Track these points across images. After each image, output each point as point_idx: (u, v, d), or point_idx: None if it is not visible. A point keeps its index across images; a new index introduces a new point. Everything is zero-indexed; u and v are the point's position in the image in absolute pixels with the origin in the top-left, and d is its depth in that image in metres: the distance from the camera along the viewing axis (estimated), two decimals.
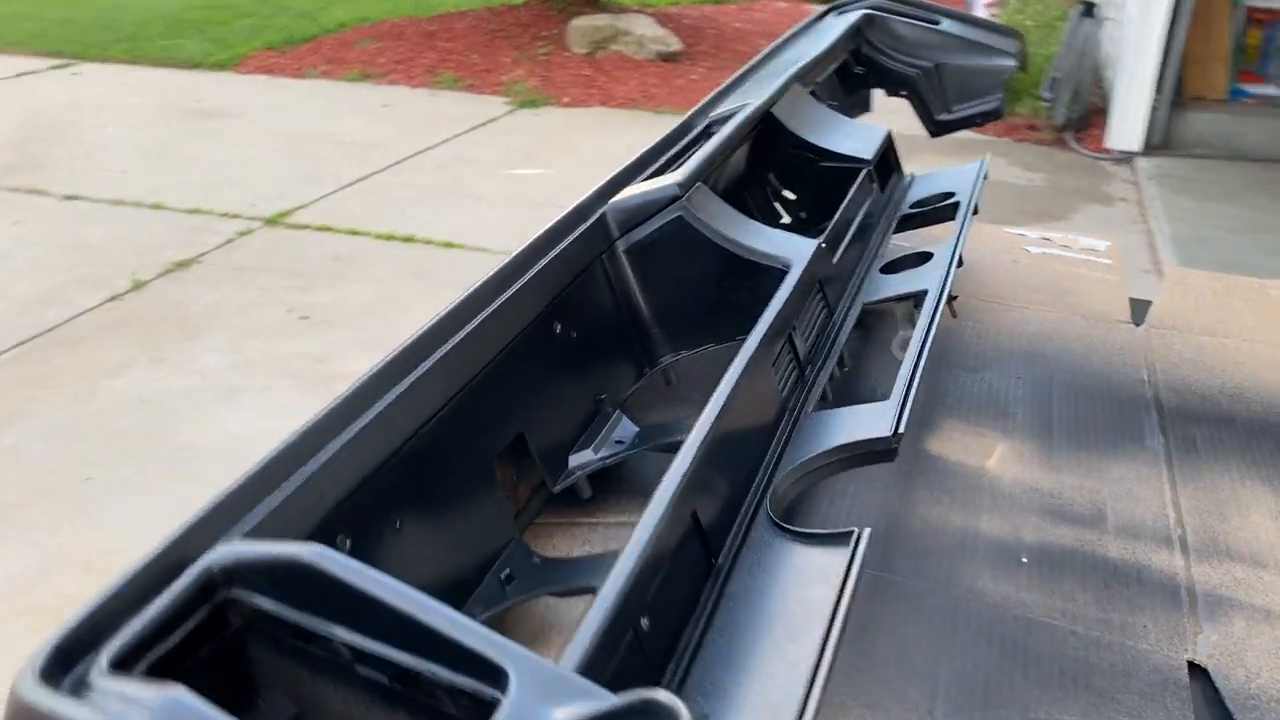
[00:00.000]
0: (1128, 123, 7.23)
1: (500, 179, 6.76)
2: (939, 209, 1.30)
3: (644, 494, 0.98)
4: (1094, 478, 1.01)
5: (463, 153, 7.27)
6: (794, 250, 1.06)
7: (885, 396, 1.12)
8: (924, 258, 1.14)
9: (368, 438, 0.71)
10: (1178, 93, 7.24)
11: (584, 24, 9.52)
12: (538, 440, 0.91)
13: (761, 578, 0.69)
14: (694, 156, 1.12)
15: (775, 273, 1.03)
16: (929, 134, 1.84)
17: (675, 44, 9.57)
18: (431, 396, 0.78)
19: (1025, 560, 0.90)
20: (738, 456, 0.80)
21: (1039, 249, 1.55)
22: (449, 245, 5.66)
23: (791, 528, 0.73)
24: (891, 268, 1.15)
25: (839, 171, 1.35)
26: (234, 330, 4.61)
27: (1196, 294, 1.39)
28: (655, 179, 1.10)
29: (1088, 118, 8.00)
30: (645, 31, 9.50)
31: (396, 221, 5.91)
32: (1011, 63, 1.79)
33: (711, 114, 1.36)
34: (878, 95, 1.83)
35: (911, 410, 0.85)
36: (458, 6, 11.14)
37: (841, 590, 0.64)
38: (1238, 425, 1.12)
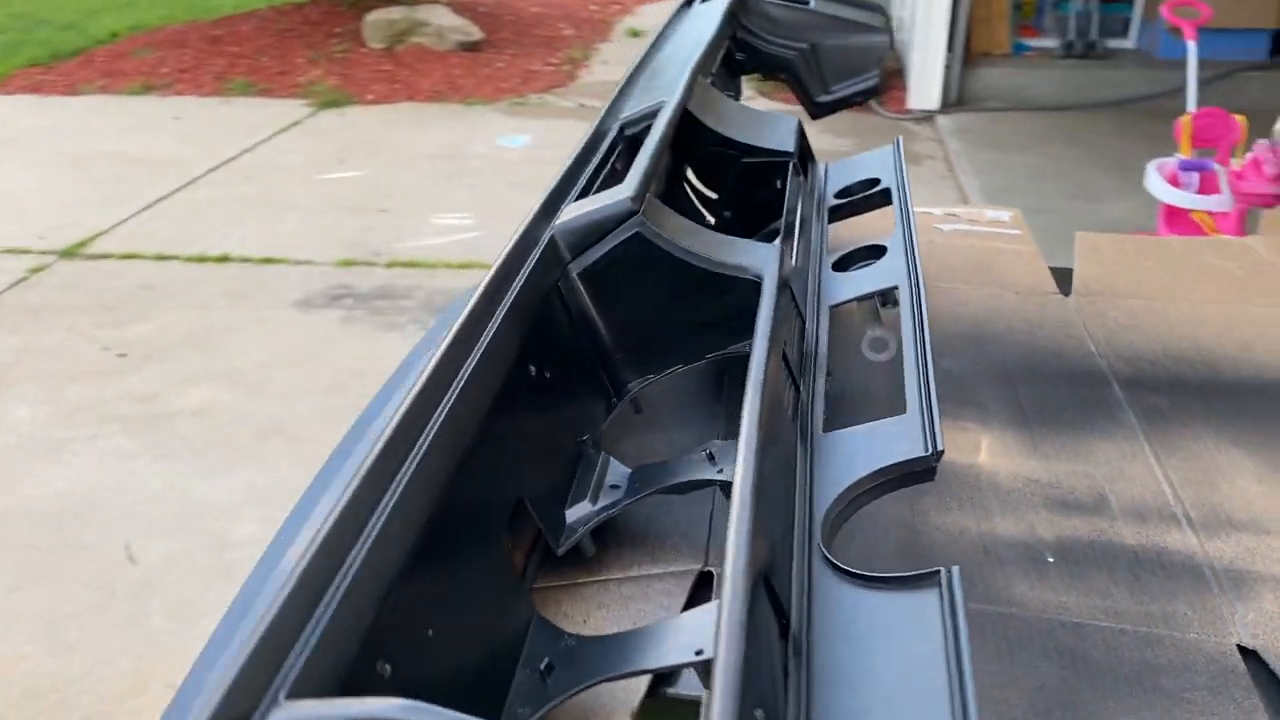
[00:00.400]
0: (925, 83, 7.53)
1: (313, 185, 6.45)
2: (867, 197, 1.26)
3: (645, 541, 0.91)
4: (1084, 461, 1.00)
5: (269, 161, 6.90)
6: (760, 257, 1.00)
7: (881, 405, 1.07)
8: (876, 251, 1.10)
9: (383, 542, 0.62)
10: (967, 51, 7.58)
11: (379, 18, 9.19)
12: (537, 501, 0.82)
13: (848, 641, 0.63)
14: (636, 166, 1.04)
15: (745, 284, 0.97)
16: (810, 116, 1.82)
17: (476, 33, 9.37)
18: (434, 478, 0.68)
19: (1051, 560, 0.88)
20: (777, 495, 0.74)
21: (949, 226, 1.55)
22: (269, 261, 5.36)
23: (861, 573, 0.67)
24: (843, 264, 1.11)
25: (763, 167, 1.30)
26: (45, 377, 4.22)
27: (1109, 258, 1.41)
28: (600, 195, 1.01)
29: (886, 80, 8.30)
30: (444, 22, 9.26)
31: (208, 240, 5.55)
32: (884, 38, 1.79)
33: (621, 117, 1.28)
34: None
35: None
36: (239, 7, 10.57)
37: (954, 645, 0.58)
38: (1192, 389, 1.14)
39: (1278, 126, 4.04)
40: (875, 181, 1.27)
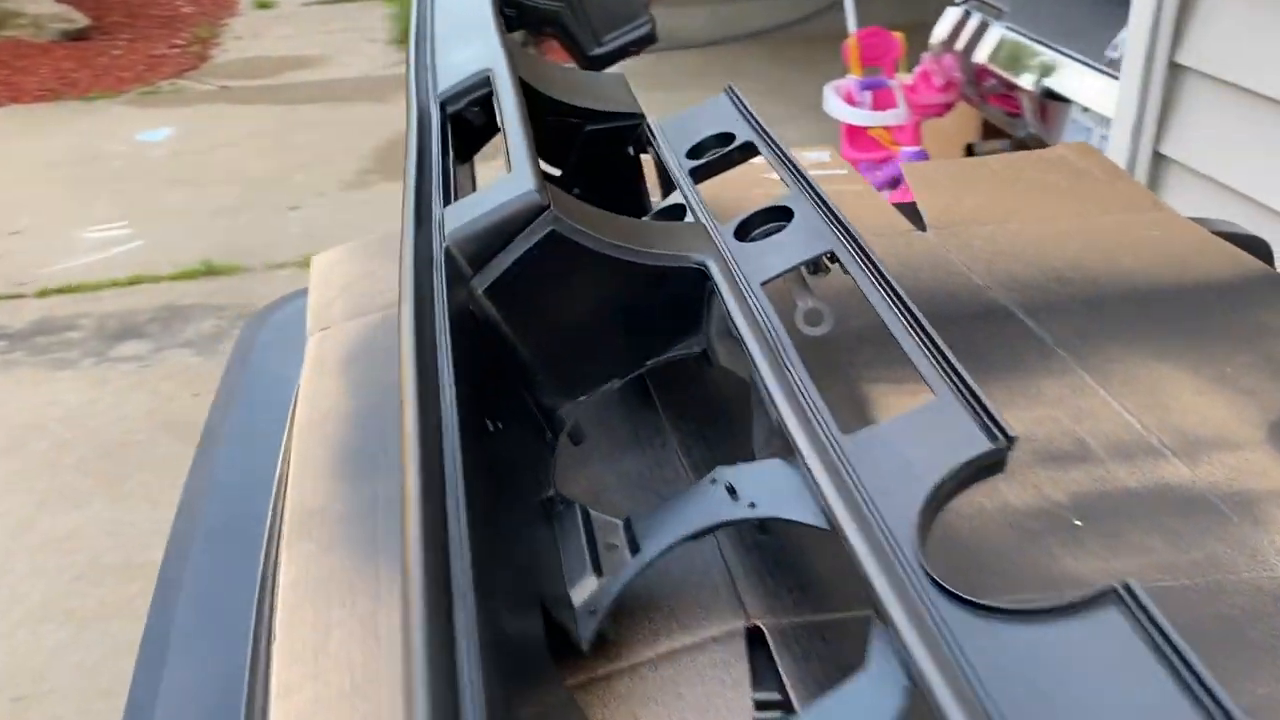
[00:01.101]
0: None
1: None
2: (727, 155, 1.14)
3: (657, 603, 0.75)
4: (1041, 405, 0.94)
5: None
6: (696, 240, 0.86)
7: (873, 389, 0.96)
8: (780, 214, 0.98)
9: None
10: None
11: None
12: (552, 597, 0.65)
13: (1024, 696, 0.51)
14: (515, 149, 0.86)
15: (684, 273, 0.83)
16: (584, 69, 1.67)
17: (80, 19, 8.34)
18: (462, 626, 0.50)
19: (1079, 523, 0.81)
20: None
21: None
22: None
23: (1007, 607, 0.56)
24: (744, 232, 0.99)
25: (610, 133, 1.15)
26: None
27: (944, 187, 1.38)
28: (488, 191, 0.83)
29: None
30: (40, 9, 8.16)
31: None
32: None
33: (437, 94, 1.08)
34: None
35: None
36: None
37: (1193, 681, 0.49)
38: (1086, 308, 1.12)
39: (934, 39, 4.33)
40: (729, 136, 1.16)
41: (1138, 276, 1.16)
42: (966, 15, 4.12)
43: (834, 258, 0.90)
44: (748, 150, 1.14)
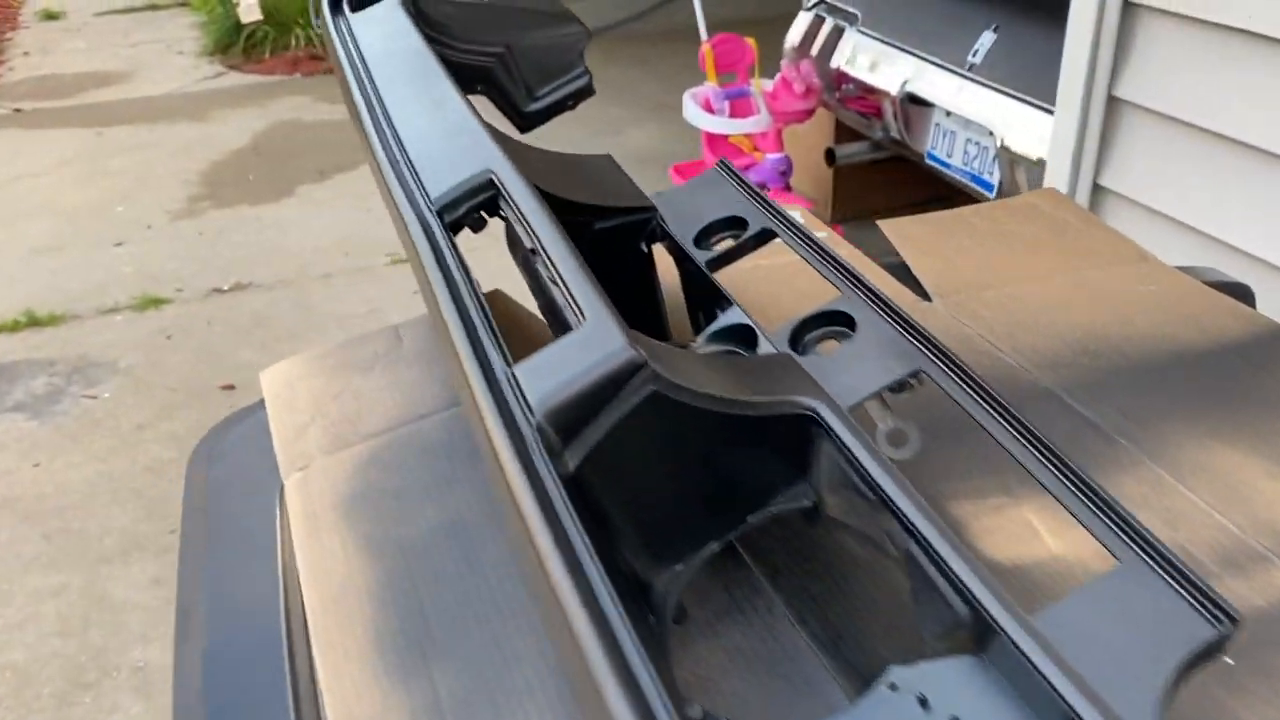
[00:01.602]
0: None
1: None
2: (740, 245, 1.04)
3: None
4: (1126, 505, 0.89)
5: None
6: (790, 379, 0.76)
7: (978, 525, 0.88)
8: (838, 319, 0.90)
9: None
10: None
11: None
12: None
13: None
14: (582, 289, 0.74)
15: (795, 420, 0.73)
16: (519, 130, 1.54)
17: None
18: None
19: (1230, 661, 0.76)
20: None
21: None
22: None
23: None
24: (801, 343, 0.90)
25: (619, 230, 1.03)
26: None
27: (926, 246, 1.33)
28: (569, 343, 0.71)
29: None
30: None
31: None
32: (578, 28, 1.55)
33: (432, 197, 0.94)
34: None
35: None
36: None
37: None
38: (1123, 383, 1.08)
39: (788, 43, 4.34)
40: (739, 221, 1.06)
41: (1158, 341, 1.14)
42: (820, 20, 4.15)
43: (920, 373, 0.82)
44: (764, 238, 1.05)
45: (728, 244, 1.07)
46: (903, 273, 1.27)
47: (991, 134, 3.28)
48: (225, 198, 5.41)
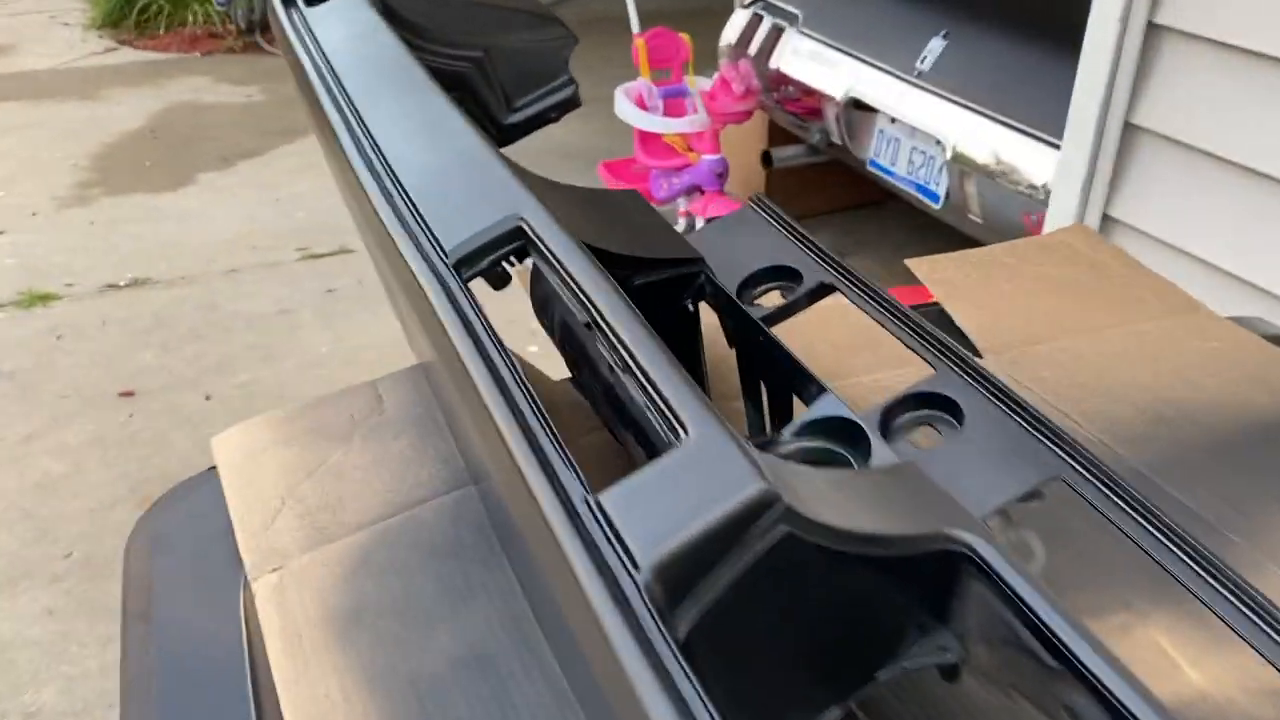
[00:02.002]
0: None
1: None
2: (795, 302, 0.90)
3: None
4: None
5: None
6: (931, 502, 0.62)
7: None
8: (935, 402, 0.76)
9: None
10: None
11: None
12: None
13: None
14: (682, 395, 0.59)
15: (943, 558, 0.59)
16: (497, 144, 1.36)
17: None
18: None
19: None
20: None
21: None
22: None
23: None
24: (888, 420, 0.76)
25: (664, 286, 0.88)
26: None
27: (966, 293, 1.20)
28: (666, 462, 0.55)
29: (265, 17, 7.51)
30: None
31: None
32: (563, 31, 1.38)
33: (446, 248, 0.77)
34: None
35: None
36: None
37: None
38: (1211, 461, 0.97)
39: (723, 40, 4.22)
40: (793, 273, 0.92)
41: (1232, 409, 1.03)
42: (757, 18, 4.03)
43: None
44: (821, 293, 0.91)
45: (775, 297, 0.92)
46: (941, 320, 1.14)
47: (939, 143, 3.20)
48: (119, 184, 5.05)
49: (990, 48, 3.17)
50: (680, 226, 4.18)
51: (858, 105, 3.55)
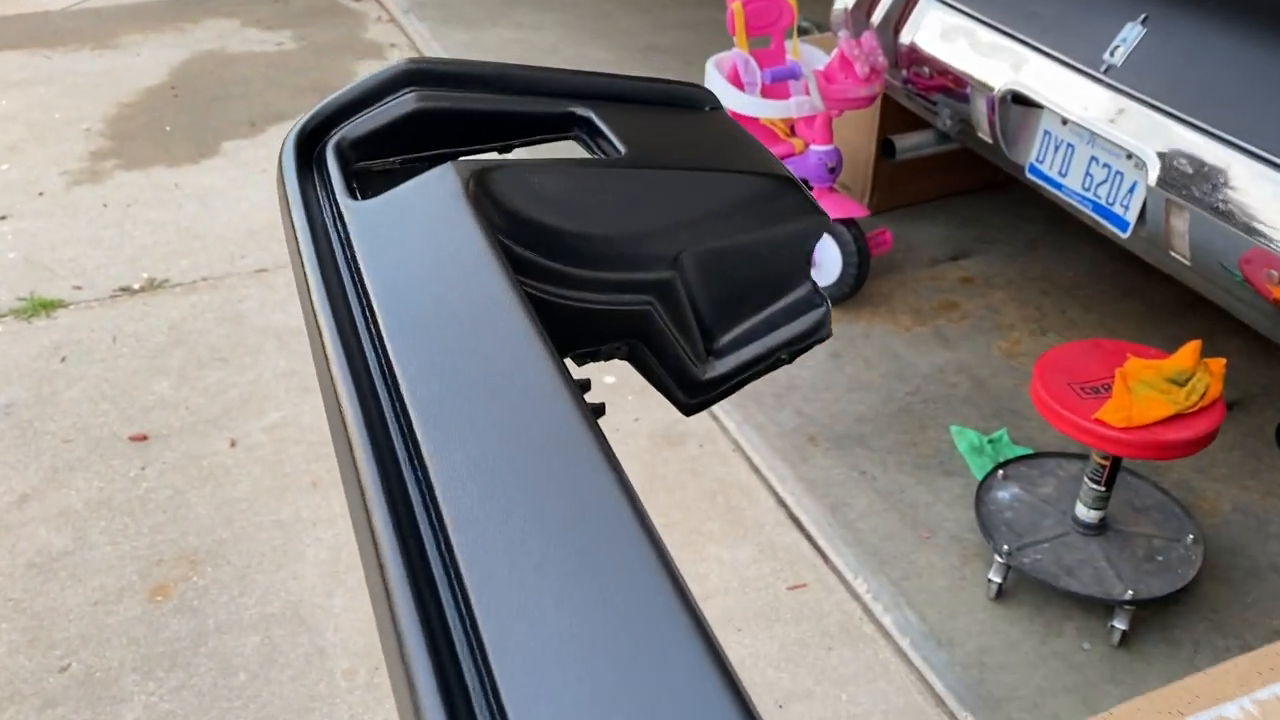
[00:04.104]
0: None
1: None
2: None
3: None
4: None
5: None
6: None
7: None
8: None
9: None
10: None
11: None
12: None
13: None
14: None
15: None
16: (682, 411, 0.78)
17: None
18: None
19: None
20: None
21: None
22: None
23: None
24: None
25: None
26: None
27: None
28: None
29: None
30: None
31: None
32: (813, 214, 0.79)
33: None
34: None
35: None
36: None
37: None
38: None
39: (838, 8, 3.53)
40: None
41: None
42: None
43: None
44: None
45: None
46: None
47: (1132, 158, 2.55)
48: (136, 156, 4.48)
49: (1203, 40, 2.49)
50: None
51: (1017, 99, 2.89)
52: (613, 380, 3.16)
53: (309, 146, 0.70)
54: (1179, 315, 3.48)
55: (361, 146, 0.70)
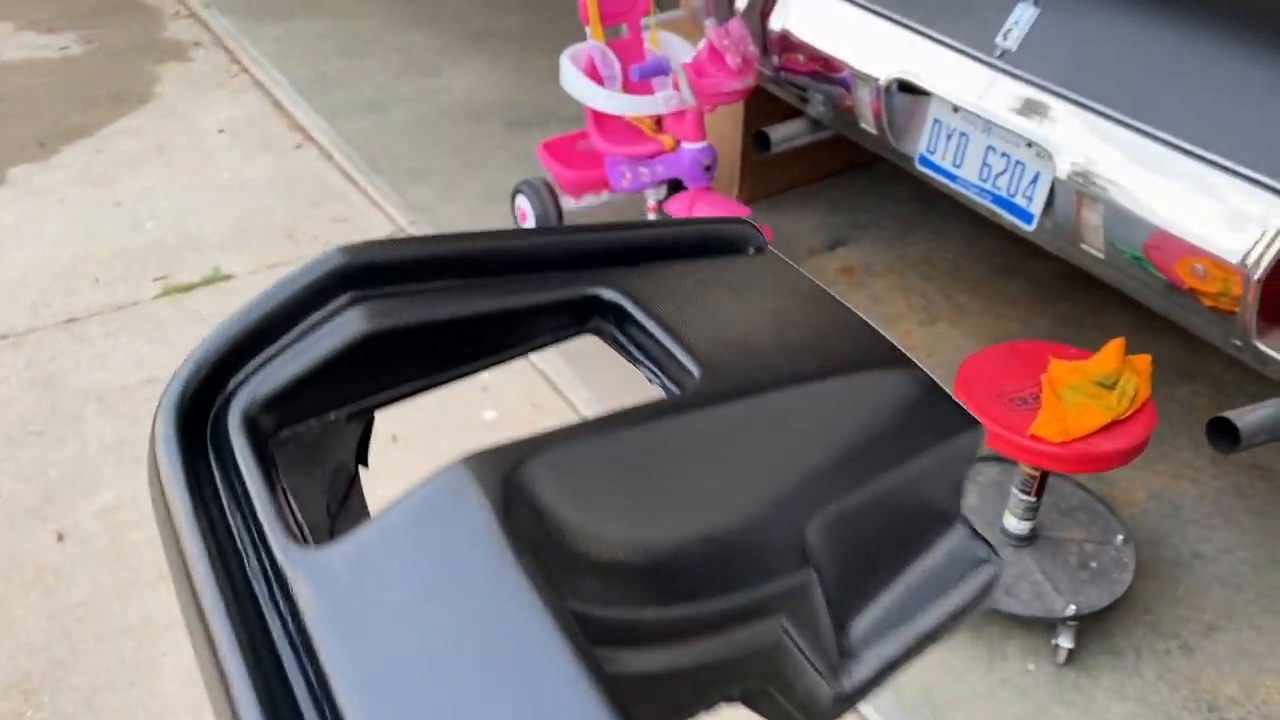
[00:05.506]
0: None
1: None
2: None
3: None
4: None
5: None
6: None
7: None
8: None
9: None
10: None
11: None
12: None
13: None
14: None
15: None
16: None
17: None
18: None
19: None
20: None
21: None
22: None
23: None
24: None
25: None
26: None
27: None
28: None
29: None
30: None
31: None
32: (967, 422, 0.55)
33: None
34: None
35: None
36: None
37: None
38: None
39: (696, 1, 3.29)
40: None
41: None
42: None
43: None
44: None
45: None
46: None
47: (1033, 146, 2.42)
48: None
49: (1099, 19, 2.37)
50: None
51: (903, 87, 2.72)
52: (492, 416, 2.87)
53: (197, 414, 0.42)
54: (1065, 293, 3.42)
55: (282, 404, 0.43)
